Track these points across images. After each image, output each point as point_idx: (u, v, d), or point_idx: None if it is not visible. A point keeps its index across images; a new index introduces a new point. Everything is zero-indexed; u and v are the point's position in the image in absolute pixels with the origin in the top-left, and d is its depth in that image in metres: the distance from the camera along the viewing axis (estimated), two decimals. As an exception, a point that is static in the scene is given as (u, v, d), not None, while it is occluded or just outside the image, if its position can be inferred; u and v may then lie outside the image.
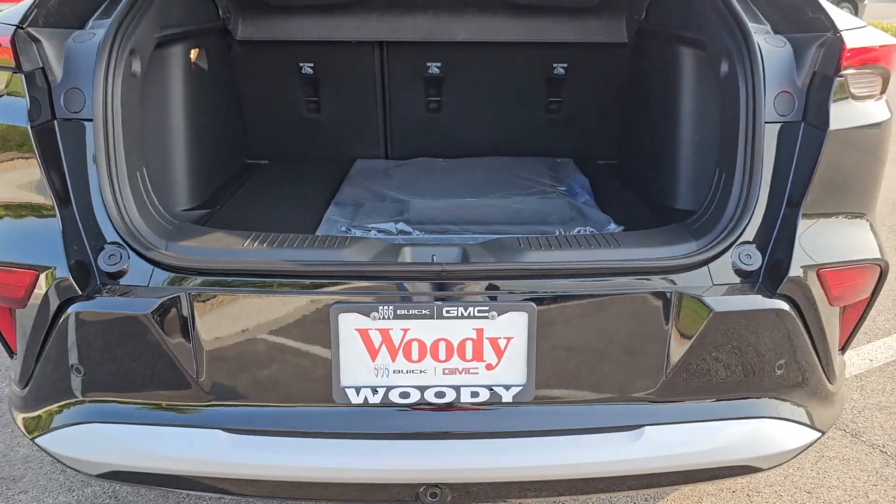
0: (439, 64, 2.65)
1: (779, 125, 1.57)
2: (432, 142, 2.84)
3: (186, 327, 1.48)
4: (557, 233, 2.00)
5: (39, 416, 1.63)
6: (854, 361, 2.89)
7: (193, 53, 2.20)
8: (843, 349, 1.76)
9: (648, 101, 2.40)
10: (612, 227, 2.03)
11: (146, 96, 1.81)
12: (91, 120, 1.53)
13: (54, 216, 1.52)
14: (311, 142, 2.84)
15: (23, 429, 1.69)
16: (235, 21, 2.50)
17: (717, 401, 1.56)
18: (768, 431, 1.57)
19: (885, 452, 2.37)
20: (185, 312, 1.47)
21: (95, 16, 1.69)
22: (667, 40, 2.21)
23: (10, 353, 1.73)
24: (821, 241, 1.55)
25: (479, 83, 2.75)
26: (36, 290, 1.54)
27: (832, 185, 1.56)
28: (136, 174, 1.63)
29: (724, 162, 1.63)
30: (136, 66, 1.68)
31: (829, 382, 1.66)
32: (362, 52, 2.67)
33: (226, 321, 1.48)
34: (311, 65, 2.65)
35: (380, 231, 2.03)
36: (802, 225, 1.54)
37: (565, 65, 2.64)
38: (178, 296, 1.46)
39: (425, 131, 2.84)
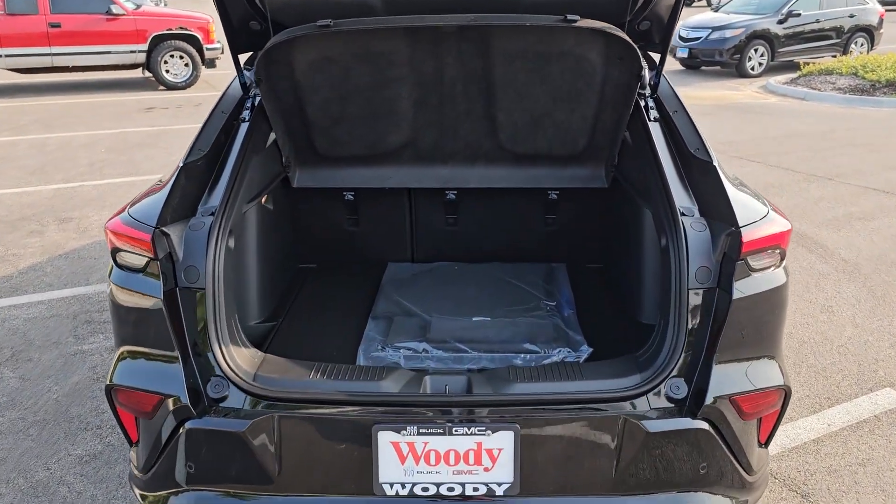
0: (455, 192, 3.21)
1: (700, 291, 2.05)
2: (450, 249, 3.39)
3: (271, 440, 2.01)
4: (543, 352, 2.55)
5: (158, 497, 2.16)
6: (814, 426, 3.32)
7: (263, 199, 2.79)
8: (765, 444, 2.23)
9: (621, 227, 2.93)
10: (584, 348, 2.56)
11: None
12: (203, 289, 2.08)
13: (176, 358, 2.06)
14: (351, 249, 3.41)
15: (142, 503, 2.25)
16: (293, 171, 3.05)
17: (656, 494, 2.06)
18: None
19: (828, 511, 2.86)
20: (270, 429, 2.00)
21: (202, 202, 2.26)
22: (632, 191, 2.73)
23: (131, 442, 2.26)
24: (733, 376, 2.04)
25: (487, 204, 3.30)
26: (161, 410, 2.07)
27: (740, 336, 2.05)
28: (232, 321, 2.20)
29: (663, 312, 2.14)
30: (232, 242, 2.26)
31: (748, 475, 2.14)
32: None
33: (298, 435, 2.02)
34: (353, 193, 3.24)
35: (408, 349, 2.60)
36: (718, 365, 2.02)
37: (557, 191, 3.18)
38: (266, 417, 2.00)
39: (444, 241, 3.39)
